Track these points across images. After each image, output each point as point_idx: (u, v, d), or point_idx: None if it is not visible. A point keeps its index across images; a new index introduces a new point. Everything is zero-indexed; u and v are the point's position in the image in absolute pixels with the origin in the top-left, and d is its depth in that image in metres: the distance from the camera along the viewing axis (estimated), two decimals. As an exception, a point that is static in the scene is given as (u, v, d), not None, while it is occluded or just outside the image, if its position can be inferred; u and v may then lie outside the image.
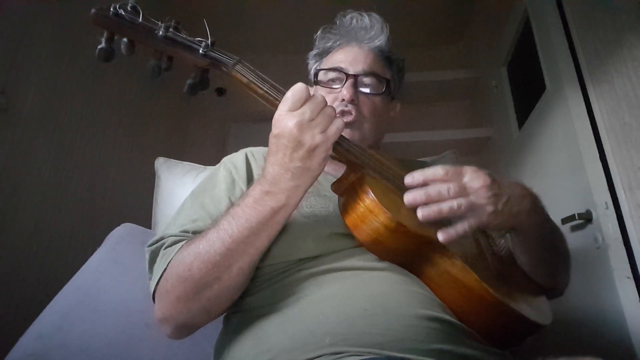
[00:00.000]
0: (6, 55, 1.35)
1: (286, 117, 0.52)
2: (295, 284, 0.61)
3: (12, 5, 1.38)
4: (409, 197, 0.56)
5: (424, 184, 0.58)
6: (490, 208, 0.57)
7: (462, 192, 0.57)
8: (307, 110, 0.52)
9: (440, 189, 0.56)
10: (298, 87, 0.53)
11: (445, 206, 0.55)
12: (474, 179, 0.58)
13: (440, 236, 0.55)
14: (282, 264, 0.64)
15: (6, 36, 1.35)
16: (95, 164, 1.76)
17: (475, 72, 2.41)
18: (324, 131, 0.52)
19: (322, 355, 0.52)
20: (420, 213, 0.55)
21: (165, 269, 0.61)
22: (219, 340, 0.69)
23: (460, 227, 0.56)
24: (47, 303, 0.87)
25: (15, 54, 1.38)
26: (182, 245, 0.62)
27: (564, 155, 1.32)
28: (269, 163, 0.55)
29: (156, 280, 0.62)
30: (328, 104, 0.78)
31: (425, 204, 0.56)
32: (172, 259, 0.61)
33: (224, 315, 0.72)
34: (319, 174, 0.55)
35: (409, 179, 0.59)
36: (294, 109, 0.52)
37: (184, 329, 0.63)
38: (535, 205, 0.65)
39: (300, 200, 0.57)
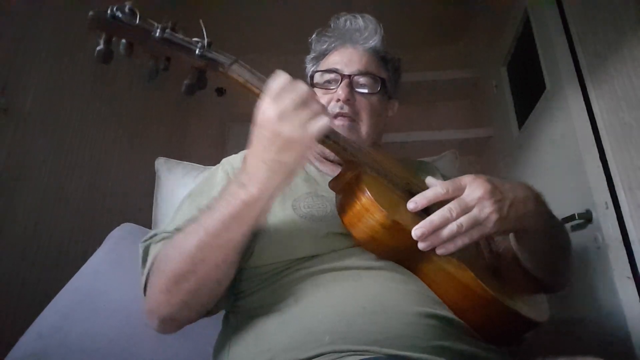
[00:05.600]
0: (6, 55, 1.35)
1: (267, 107, 0.51)
2: (294, 283, 0.61)
3: (12, 5, 1.38)
4: (417, 233, 0.54)
5: (428, 205, 0.57)
6: (494, 217, 0.56)
7: (465, 208, 0.55)
8: (288, 101, 0.50)
9: (443, 214, 0.54)
10: (281, 77, 0.51)
11: (444, 232, 0.54)
12: (474, 189, 0.57)
13: (439, 251, 0.55)
14: (280, 264, 0.64)
15: (6, 36, 1.35)
16: (95, 164, 1.75)
17: (475, 72, 2.41)
18: (304, 126, 0.50)
19: (321, 354, 0.52)
20: (421, 246, 0.54)
21: (152, 263, 0.62)
22: (218, 340, 0.70)
23: (460, 241, 0.55)
24: (47, 303, 0.87)
25: (15, 54, 1.38)
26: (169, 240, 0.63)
27: (564, 155, 1.32)
28: (248, 155, 0.54)
29: (145, 274, 0.63)
30: (325, 104, 0.78)
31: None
32: (157, 252, 0.62)
33: (223, 315, 0.73)
34: (296, 170, 0.54)
35: (412, 205, 0.57)
36: (276, 98, 0.50)
37: (167, 323, 0.62)
38: (539, 204, 0.65)
39: (275, 195, 0.54)
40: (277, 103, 0.50)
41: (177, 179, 1.17)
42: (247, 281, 0.66)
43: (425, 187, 0.59)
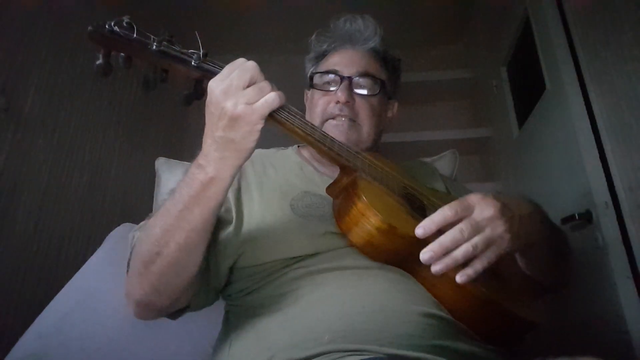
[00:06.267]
0: (6, 55, 1.35)
1: (214, 84, 0.52)
2: (294, 282, 0.62)
3: (12, 6, 1.38)
4: (425, 257, 0.50)
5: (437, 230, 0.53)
6: (507, 235, 0.54)
7: (476, 228, 0.52)
8: (234, 77, 0.51)
9: (454, 235, 0.51)
10: (237, 60, 0.53)
11: (459, 254, 0.50)
12: (484, 208, 0.54)
13: (459, 278, 0.51)
14: (279, 262, 0.64)
15: (6, 36, 1.36)
16: (95, 164, 1.75)
17: (475, 72, 2.41)
18: (250, 103, 0.50)
19: (321, 354, 0.52)
20: (434, 269, 0.51)
21: (132, 247, 0.64)
22: (218, 339, 0.70)
23: (479, 265, 0.52)
24: (47, 303, 0.87)
25: (15, 54, 1.38)
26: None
27: (564, 155, 1.32)
28: (204, 135, 0.55)
29: (127, 259, 0.64)
30: (324, 105, 0.79)
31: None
32: (137, 237, 0.64)
33: (223, 314, 0.73)
34: (248, 149, 0.53)
35: (420, 231, 0.52)
36: (224, 76, 0.52)
37: (142, 307, 0.63)
38: (542, 217, 0.65)
39: (232, 174, 0.54)
40: (224, 80, 0.51)
41: (177, 179, 1.17)
42: (247, 280, 0.66)
43: (422, 191, 0.59)
